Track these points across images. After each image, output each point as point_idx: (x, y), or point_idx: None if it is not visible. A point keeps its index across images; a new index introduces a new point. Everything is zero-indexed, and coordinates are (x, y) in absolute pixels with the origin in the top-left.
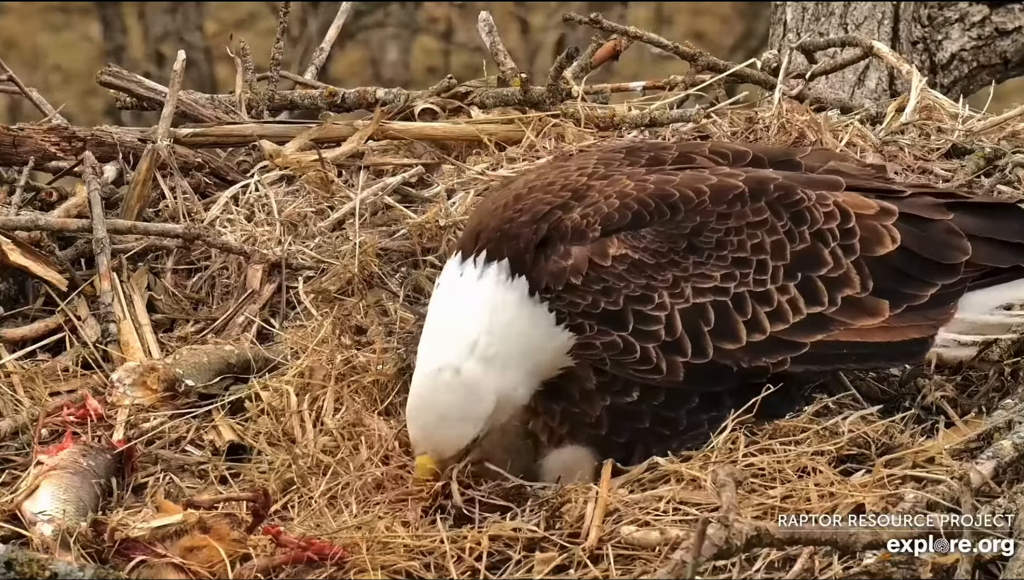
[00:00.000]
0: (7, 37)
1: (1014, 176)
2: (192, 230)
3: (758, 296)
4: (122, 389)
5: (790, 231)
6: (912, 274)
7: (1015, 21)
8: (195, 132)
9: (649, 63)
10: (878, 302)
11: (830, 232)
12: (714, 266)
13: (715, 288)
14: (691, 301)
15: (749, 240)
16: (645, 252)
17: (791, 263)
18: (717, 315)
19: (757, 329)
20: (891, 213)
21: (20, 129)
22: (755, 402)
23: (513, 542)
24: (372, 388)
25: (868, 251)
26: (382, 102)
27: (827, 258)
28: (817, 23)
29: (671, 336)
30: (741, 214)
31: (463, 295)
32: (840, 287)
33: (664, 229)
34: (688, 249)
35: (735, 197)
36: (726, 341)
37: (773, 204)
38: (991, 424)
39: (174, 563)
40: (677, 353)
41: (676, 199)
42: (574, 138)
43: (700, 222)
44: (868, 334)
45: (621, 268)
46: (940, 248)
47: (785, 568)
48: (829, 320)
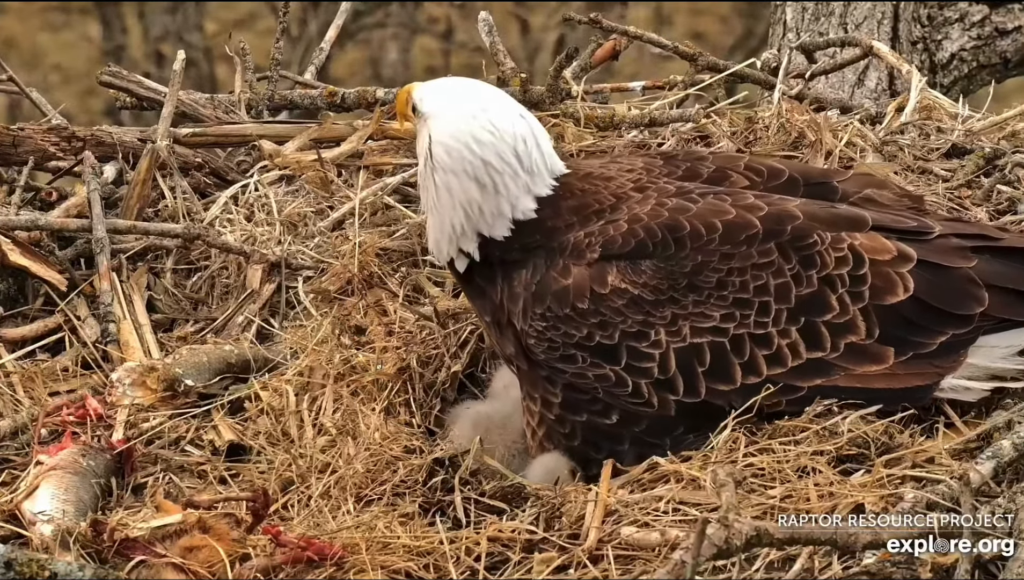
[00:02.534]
0: (7, 37)
1: (1014, 176)
2: (192, 230)
3: (757, 338)
4: (122, 389)
5: (797, 274)
6: (922, 323)
7: (1015, 21)
8: (195, 132)
9: (649, 63)
10: (883, 349)
11: (839, 278)
12: (714, 306)
13: (713, 328)
14: (688, 340)
15: (753, 281)
16: (645, 288)
17: (795, 306)
18: (713, 355)
19: (753, 371)
20: (908, 259)
21: (20, 129)
22: (755, 401)
23: (512, 543)
24: (372, 388)
25: (878, 299)
26: (382, 102)
27: (833, 304)
28: (817, 23)
29: (664, 374)
30: (747, 255)
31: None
32: (844, 333)
33: (665, 265)
34: (688, 287)
35: (746, 237)
36: (720, 382)
37: (783, 246)
38: (991, 424)
39: (174, 563)
40: (669, 391)
41: (684, 234)
42: (574, 138)
43: (702, 261)
44: (870, 380)
45: (620, 302)
46: (955, 297)
47: (785, 568)
48: (830, 366)
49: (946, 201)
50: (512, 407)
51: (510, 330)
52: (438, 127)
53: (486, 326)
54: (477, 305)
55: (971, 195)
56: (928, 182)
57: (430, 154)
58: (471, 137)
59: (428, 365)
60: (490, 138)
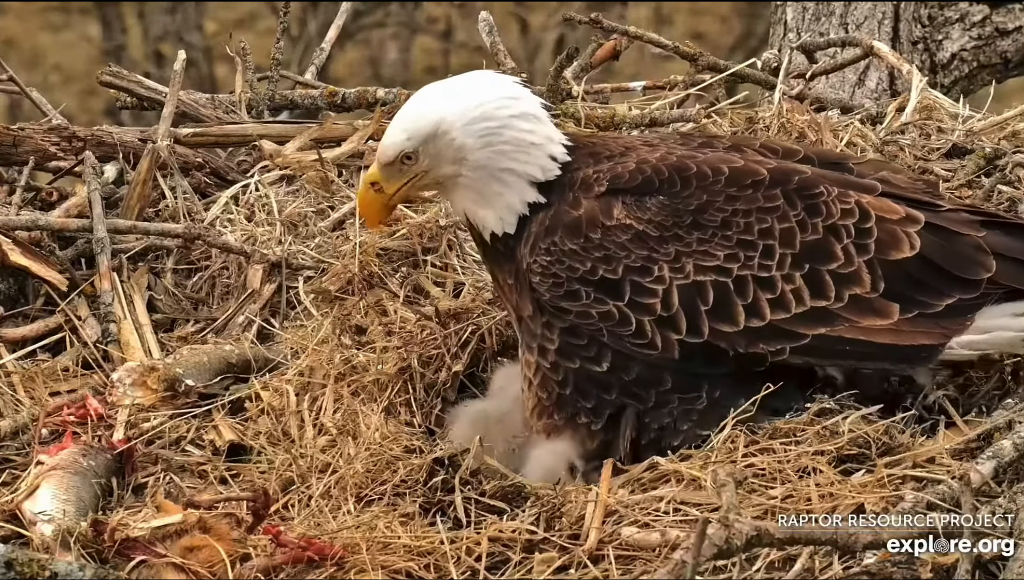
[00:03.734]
0: (7, 37)
1: (1014, 176)
2: (192, 230)
3: (761, 281)
4: (122, 389)
5: (803, 221)
6: (927, 282)
7: (1015, 21)
8: (195, 132)
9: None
10: (888, 304)
11: (844, 228)
12: (718, 245)
13: (717, 267)
14: (691, 278)
15: (757, 224)
16: (649, 224)
17: (799, 253)
18: (716, 295)
19: (756, 314)
20: (916, 221)
21: (20, 129)
22: (755, 400)
23: (513, 543)
24: (372, 388)
25: (883, 253)
26: (382, 102)
27: (838, 253)
28: (817, 23)
29: (666, 311)
30: (751, 198)
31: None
32: (848, 284)
33: (670, 203)
34: (693, 225)
35: (753, 182)
36: (723, 323)
37: (789, 193)
38: (991, 424)
39: (174, 563)
40: (671, 329)
41: (691, 173)
42: None
43: (707, 200)
44: (874, 334)
45: (624, 237)
46: (962, 262)
47: (785, 568)
48: (834, 315)
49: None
50: (510, 404)
51: (528, 284)
52: (454, 122)
53: (507, 291)
54: (505, 270)
55: (971, 195)
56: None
57: (459, 148)
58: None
59: (429, 365)
60: (504, 100)
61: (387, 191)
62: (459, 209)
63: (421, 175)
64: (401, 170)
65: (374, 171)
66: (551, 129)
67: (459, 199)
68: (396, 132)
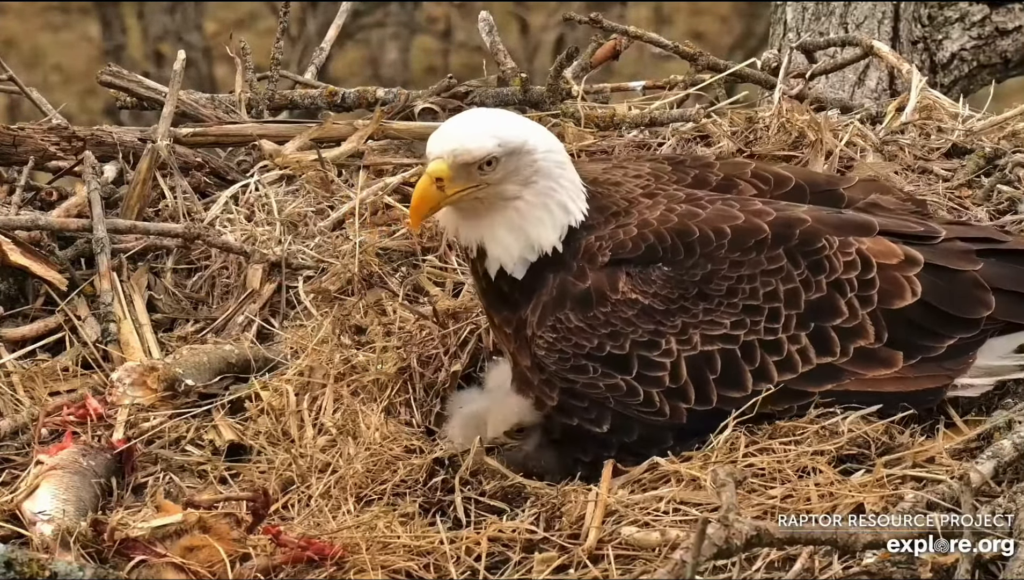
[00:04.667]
0: (7, 37)
1: (1014, 176)
2: (192, 230)
3: (768, 345)
4: (122, 389)
5: (807, 280)
6: (930, 327)
7: (1015, 21)
8: (195, 132)
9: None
10: (892, 353)
11: (848, 282)
12: (724, 313)
13: (724, 336)
14: (699, 349)
15: (763, 287)
16: (655, 297)
17: (805, 312)
18: (724, 363)
19: (764, 378)
20: (916, 263)
21: (20, 129)
22: (755, 402)
23: (513, 543)
24: (372, 387)
25: (886, 303)
26: (382, 102)
27: (843, 308)
28: (817, 23)
29: (675, 383)
30: (756, 262)
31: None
32: (853, 338)
33: (675, 274)
34: (699, 296)
35: (755, 243)
36: (731, 389)
37: (792, 251)
38: (991, 424)
39: (174, 563)
40: (680, 399)
41: (694, 239)
42: (574, 138)
43: (712, 269)
44: (881, 384)
45: (630, 312)
46: (963, 302)
47: (785, 568)
48: (840, 370)
49: (946, 201)
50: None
51: (531, 351)
52: (539, 143)
53: (504, 338)
54: (503, 316)
55: (971, 195)
56: (928, 182)
57: (536, 171)
58: (555, 143)
59: (428, 365)
60: (555, 142)
61: (447, 190)
62: (477, 235)
63: (485, 185)
64: (473, 175)
65: (443, 168)
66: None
67: (494, 225)
68: (485, 137)
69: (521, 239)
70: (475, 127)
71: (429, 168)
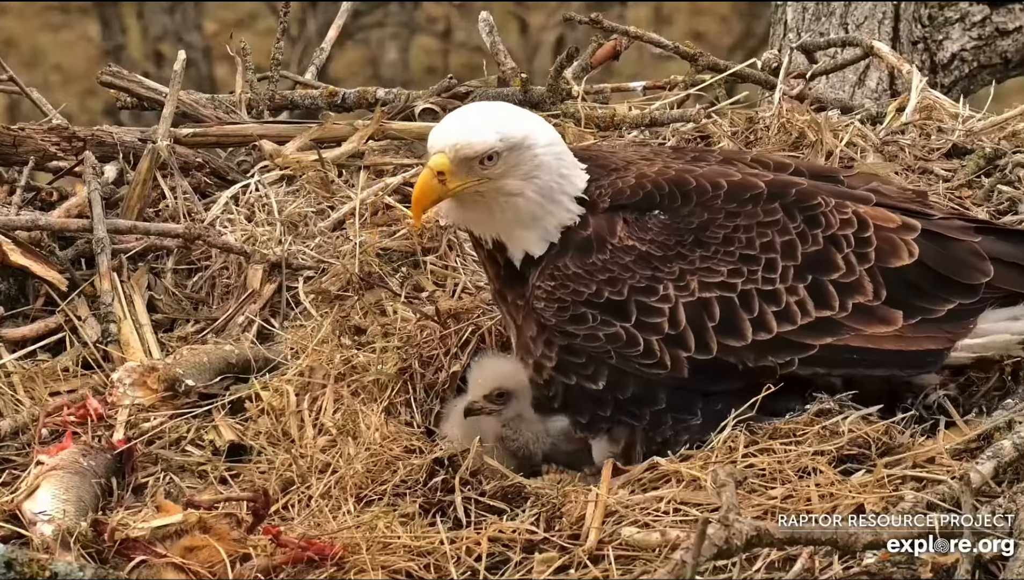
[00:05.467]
0: (7, 37)
1: (1014, 176)
2: (192, 230)
3: (765, 294)
4: (122, 389)
5: (803, 233)
6: (928, 289)
7: (1015, 21)
8: (195, 132)
9: (649, 63)
10: (892, 312)
11: (844, 238)
12: (721, 261)
13: (721, 283)
14: (696, 295)
15: (759, 238)
16: (652, 244)
17: (802, 264)
18: (722, 311)
19: (763, 328)
20: (912, 228)
21: (20, 129)
22: (755, 402)
23: (513, 543)
24: (372, 388)
25: (883, 261)
26: (382, 102)
27: (839, 263)
28: (817, 23)
29: (674, 329)
30: (752, 213)
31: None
32: (851, 293)
33: (671, 221)
34: (695, 243)
35: (752, 196)
36: (731, 338)
37: (788, 206)
38: (991, 424)
39: (174, 563)
40: (680, 347)
41: (691, 188)
42: (574, 138)
43: (708, 218)
44: (881, 341)
45: (627, 258)
46: (960, 267)
47: (785, 568)
48: (839, 325)
49: (947, 201)
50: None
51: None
52: (540, 137)
53: (515, 311)
54: (516, 291)
55: (972, 195)
56: (929, 182)
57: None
58: (554, 135)
59: (428, 365)
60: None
61: (448, 184)
62: (491, 231)
63: (487, 180)
64: (474, 169)
65: (445, 161)
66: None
67: (500, 218)
68: (487, 131)
69: (538, 228)
70: (477, 121)
71: (430, 161)
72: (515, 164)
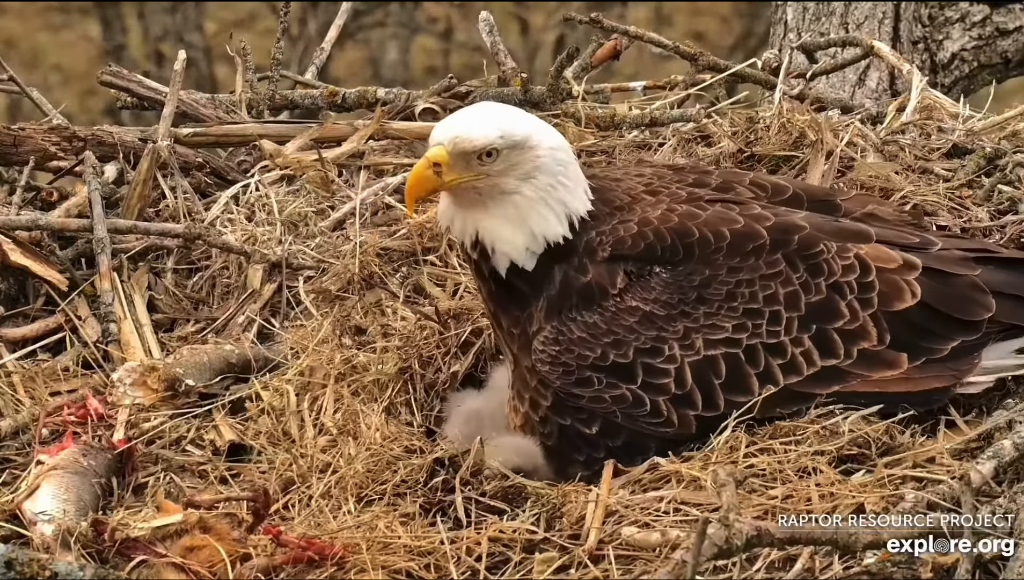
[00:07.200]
0: (7, 37)
1: (1014, 176)
2: (192, 230)
3: (771, 348)
4: (122, 389)
5: (806, 283)
6: (931, 329)
7: (1016, 21)
8: (195, 132)
9: (649, 63)
10: (896, 355)
11: (847, 285)
12: (725, 317)
13: (726, 339)
14: (702, 353)
15: (762, 291)
16: (656, 303)
17: (806, 315)
18: (728, 367)
19: (770, 381)
20: (914, 267)
21: (20, 129)
22: (755, 402)
23: (513, 543)
24: (373, 388)
25: (886, 305)
26: (383, 102)
27: (843, 310)
28: (817, 23)
29: (681, 389)
30: (754, 266)
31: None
32: (856, 340)
33: (674, 280)
34: (698, 300)
35: (754, 248)
36: (738, 394)
37: (790, 256)
38: (992, 424)
39: (174, 563)
40: (687, 406)
41: (693, 240)
42: (575, 138)
43: (710, 274)
44: (888, 385)
45: (632, 320)
46: (963, 304)
47: (785, 568)
48: (845, 372)
49: (946, 201)
50: (501, 399)
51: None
52: (543, 140)
53: (508, 339)
54: (511, 316)
55: (972, 195)
56: (929, 182)
57: (537, 167)
58: (561, 141)
59: (429, 365)
60: (561, 141)
61: (444, 177)
62: (473, 229)
63: (485, 177)
64: (472, 165)
65: (442, 153)
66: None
67: (493, 219)
68: (489, 127)
69: (525, 232)
70: (480, 117)
71: (428, 152)
72: (515, 163)
